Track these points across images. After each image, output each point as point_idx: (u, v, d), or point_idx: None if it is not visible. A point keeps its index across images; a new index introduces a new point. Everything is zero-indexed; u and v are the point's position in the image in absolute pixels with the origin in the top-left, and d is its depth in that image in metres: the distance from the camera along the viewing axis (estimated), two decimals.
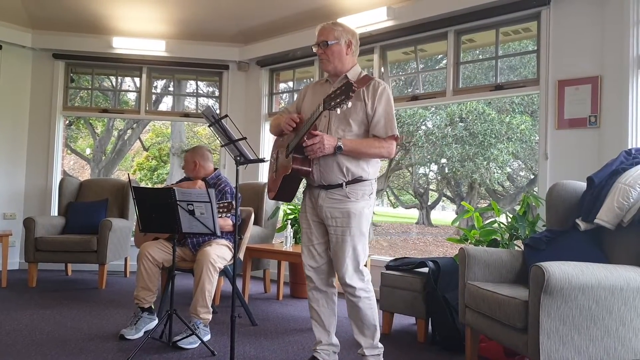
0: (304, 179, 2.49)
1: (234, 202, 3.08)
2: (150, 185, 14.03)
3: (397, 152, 2.52)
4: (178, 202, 2.73)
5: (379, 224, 16.19)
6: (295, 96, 3.09)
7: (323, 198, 2.40)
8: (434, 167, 14.33)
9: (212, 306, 3.05)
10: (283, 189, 2.44)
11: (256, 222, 4.56)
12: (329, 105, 2.17)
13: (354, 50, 2.47)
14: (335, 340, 2.51)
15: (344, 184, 2.36)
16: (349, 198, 2.36)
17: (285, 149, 2.49)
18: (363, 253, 2.39)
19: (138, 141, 15.00)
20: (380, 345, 2.43)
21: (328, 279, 2.50)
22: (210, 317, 3.04)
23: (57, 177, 5.68)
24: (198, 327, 2.95)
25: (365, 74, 2.48)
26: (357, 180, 2.37)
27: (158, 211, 2.81)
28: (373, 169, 2.43)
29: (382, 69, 4.81)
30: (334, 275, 2.50)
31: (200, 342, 2.85)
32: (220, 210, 2.90)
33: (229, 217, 3.16)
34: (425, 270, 3.19)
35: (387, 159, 2.45)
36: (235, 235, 2.58)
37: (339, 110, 2.18)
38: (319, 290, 2.49)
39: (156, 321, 3.14)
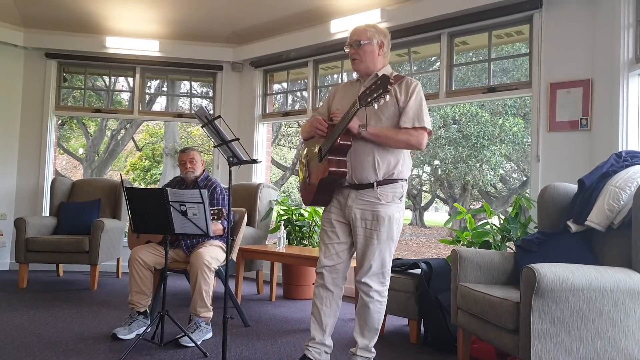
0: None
1: (224, 210, 3.09)
2: (143, 186, 13.97)
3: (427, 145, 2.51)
4: (170, 203, 2.72)
5: None
6: (289, 97, 3.09)
7: (353, 199, 2.39)
8: (427, 168, 14.37)
9: None
10: (320, 193, 2.43)
11: (249, 223, 4.55)
12: (365, 102, 2.13)
13: (385, 51, 2.48)
14: (329, 341, 2.50)
15: (375, 183, 2.35)
16: (379, 201, 2.34)
17: (315, 154, 2.47)
18: (389, 258, 2.39)
19: (131, 141, 14.93)
20: (373, 350, 2.44)
21: (339, 280, 2.48)
22: (210, 315, 3.07)
23: (49, 177, 5.64)
24: (200, 325, 3.00)
25: (396, 73, 2.46)
26: (388, 180, 2.36)
27: (151, 212, 2.80)
28: (406, 167, 2.42)
29: None
30: (346, 278, 2.50)
31: (194, 341, 2.84)
32: (211, 217, 2.90)
33: (219, 222, 3.17)
34: (417, 271, 3.19)
35: (418, 150, 2.42)
36: (227, 236, 2.58)
37: (376, 106, 2.14)
38: (327, 289, 2.47)
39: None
